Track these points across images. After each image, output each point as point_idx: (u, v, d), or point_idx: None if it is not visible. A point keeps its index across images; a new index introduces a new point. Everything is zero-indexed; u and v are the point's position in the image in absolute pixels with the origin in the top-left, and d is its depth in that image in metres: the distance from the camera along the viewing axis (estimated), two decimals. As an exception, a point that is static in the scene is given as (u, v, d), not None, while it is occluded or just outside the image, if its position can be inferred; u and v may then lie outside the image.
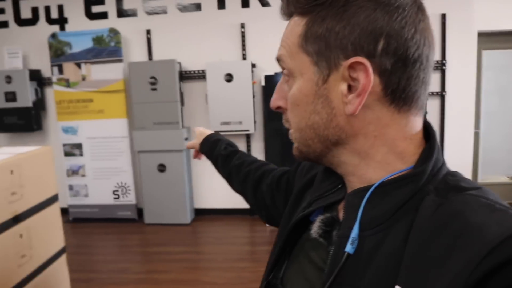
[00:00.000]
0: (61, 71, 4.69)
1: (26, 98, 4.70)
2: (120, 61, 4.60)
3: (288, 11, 0.61)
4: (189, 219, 4.71)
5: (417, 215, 0.52)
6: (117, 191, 4.84)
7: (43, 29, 4.82)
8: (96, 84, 4.66)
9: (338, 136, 0.59)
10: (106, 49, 4.59)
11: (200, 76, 4.64)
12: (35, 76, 4.80)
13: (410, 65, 0.54)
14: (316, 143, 0.60)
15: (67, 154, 4.84)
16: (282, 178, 0.99)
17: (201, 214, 4.87)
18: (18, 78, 4.67)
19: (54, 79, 4.73)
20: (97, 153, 4.80)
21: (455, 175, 0.58)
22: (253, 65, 4.42)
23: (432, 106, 4.38)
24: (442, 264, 0.46)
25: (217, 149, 1.22)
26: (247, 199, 1.15)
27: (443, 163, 0.59)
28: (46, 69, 4.88)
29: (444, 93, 4.35)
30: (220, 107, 4.44)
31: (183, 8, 4.61)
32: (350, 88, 0.55)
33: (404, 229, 0.52)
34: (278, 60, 0.61)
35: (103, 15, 4.72)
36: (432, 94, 4.33)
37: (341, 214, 0.63)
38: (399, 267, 0.50)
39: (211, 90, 4.44)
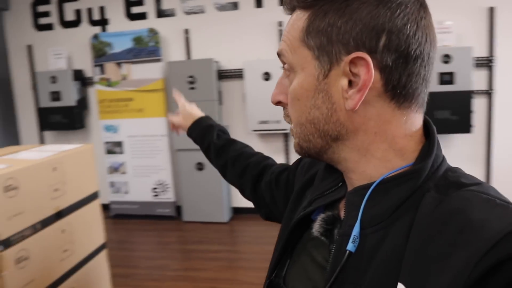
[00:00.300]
0: (102, 71, 4.81)
1: (70, 97, 4.85)
2: (159, 60, 4.67)
3: (291, 5, 0.61)
4: (227, 218, 4.71)
5: (418, 212, 0.52)
6: (156, 188, 4.91)
7: (86, 31, 4.96)
8: (136, 84, 4.75)
9: (338, 131, 0.59)
10: (145, 49, 4.67)
11: (237, 75, 4.63)
12: (78, 76, 4.94)
13: (411, 61, 0.54)
14: (316, 138, 0.60)
15: (108, 152, 4.96)
16: (281, 175, 0.98)
17: (239, 213, 4.86)
18: (63, 78, 4.82)
19: (96, 78, 4.85)
20: (137, 151, 4.89)
21: (455, 171, 0.58)
22: (291, 63, 4.37)
23: (479, 104, 4.18)
24: (444, 260, 0.46)
25: (209, 136, 1.20)
26: (243, 193, 1.14)
27: (443, 159, 0.59)
28: (88, 69, 5.02)
29: (492, 90, 4.15)
30: (258, 106, 4.41)
31: (221, 7, 4.62)
32: (350, 84, 0.56)
33: (405, 227, 0.53)
34: (279, 55, 0.62)
35: (143, 16, 4.81)
36: (478, 92, 4.13)
37: (342, 213, 0.63)
38: (400, 264, 0.50)
39: (249, 88, 4.43)
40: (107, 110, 4.87)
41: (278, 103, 0.66)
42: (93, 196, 2.61)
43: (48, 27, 5.12)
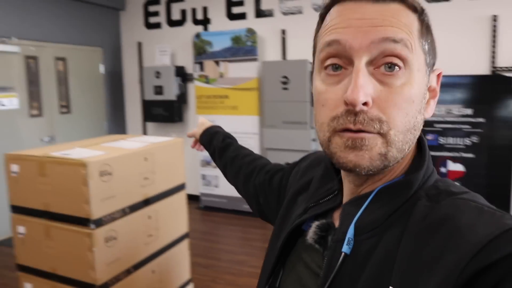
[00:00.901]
0: (202, 68, 5.04)
1: (171, 92, 5.16)
2: (255, 60, 4.77)
3: None
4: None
5: (410, 219, 0.54)
6: (244, 184, 5.03)
7: (189, 29, 5.24)
8: (232, 81, 4.91)
9: (415, 140, 0.59)
10: (243, 48, 4.80)
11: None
12: (180, 72, 5.24)
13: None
14: (407, 148, 0.56)
15: (202, 146, 5.20)
16: (275, 176, 0.97)
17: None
18: (166, 73, 5.15)
19: (195, 75, 5.11)
20: (228, 147, 5.06)
21: (445, 181, 0.59)
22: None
23: None
24: (434, 265, 0.47)
25: (215, 141, 1.23)
26: (239, 192, 1.15)
27: (433, 170, 0.60)
28: (189, 66, 5.30)
29: None
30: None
31: (319, 8, 4.58)
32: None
33: (398, 233, 0.54)
34: (395, 41, 0.52)
35: (242, 16, 4.95)
36: None
37: (336, 222, 0.63)
38: (392, 269, 0.51)
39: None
40: (203, 106, 5.10)
41: (364, 104, 0.53)
42: (180, 187, 2.76)
43: (157, 25, 5.50)
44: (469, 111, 3.75)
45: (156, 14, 5.47)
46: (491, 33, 3.78)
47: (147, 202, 2.46)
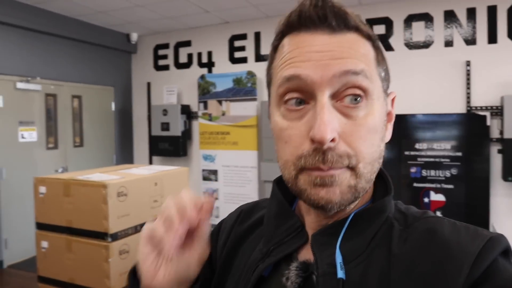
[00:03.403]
0: (205, 106, 5.47)
1: (177, 128, 5.56)
2: (254, 99, 5.19)
3: (351, 26, 0.54)
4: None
5: (392, 243, 0.54)
6: (243, 215, 5.33)
7: (195, 71, 5.70)
8: (233, 119, 5.31)
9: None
10: (243, 89, 5.24)
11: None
12: (185, 110, 5.66)
13: None
14: (374, 177, 0.56)
15: (205, 178, 5.55)
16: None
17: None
18: (172, 111, 5.57)
19: (199, 113, 5.52)
20: (229, 180, 5.40)
21: (402, 204, 0.62)
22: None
23: None
24: (431, 282, 0.49)
25: None
26: None
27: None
28: (194, 105, 5.72)
29: None
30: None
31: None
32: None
33: (384, 256, 0.54)
34: (356, 73, 0.51)
35: (243, 60, 5.41)
36: None
37: (308, 257, 0.58)
38: None
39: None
40: (207, 141, 5.49)
41: (331, 140, 0.50)
42: (184, 210, 3.09)
43: (165, 67, 5.98)
44: (448, 146, 4.11)
45: (164, 57, 5.96)
46: (465, 76, 4.20)
47: (155, 221, 2.79)
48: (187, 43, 5.76)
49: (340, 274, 0.53)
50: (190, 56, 5.77)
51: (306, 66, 0.52)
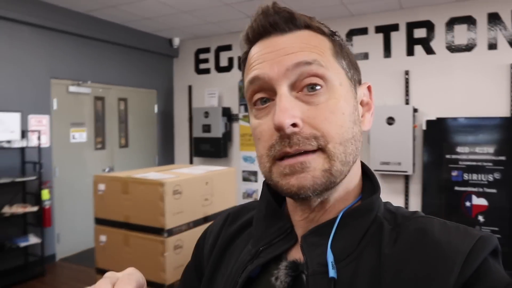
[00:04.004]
0: (246, 109, 5.61)
1: (218, 130, 5.73)
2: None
3: (301, 24, 0.57)
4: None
5: (382, 242, 0.54)
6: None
7: (235, 75, 5.85)
8: (272, 121, 5.43)
9: (358, 153, 0.59)
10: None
11: (363, 118, 5.00)
12: (226, 112, 5.82)
13: None
14: (352, 160, 0.57)
15: (244, 179, 5.69)
16: (188, 271, 0.79)
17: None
18: (214, 113, 5.74)
19: (240, 116, 5.67)
20: (268, 181, 5.52)
21: (391, 204, 0.62)
22: (415, 110, 4.61)
23: None
24: (423, 281, 0.49)
25: None
26: None
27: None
28: (235, 107, 5.88)
29: None
30: (381, 148, 4.70)
31: (353, 57, 5.09)
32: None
33: (374, 255, 0.54)
34: (308, 63, 0.54)
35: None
36: None
37: (297, 257, 0.59)
38: None
39: (373, 131, 4.75)
40: (246, 143, 5.63)
41: (293, 125, 0.53)
42: (231, 209, 3.23)
43: (206, 71, 6.16)
44: (491, 150, 4.09)
45: (206, 61, 6.15)
46: (510, 80, 4.17)
47: (206, 219, 2.94)
48: (228, 47, 5.92)
49: (332, 273, 0.53)
50: (230, 60, 5.92)
51: (263, 66, 0.55)
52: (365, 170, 0.63)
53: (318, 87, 0.54)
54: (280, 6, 0.57)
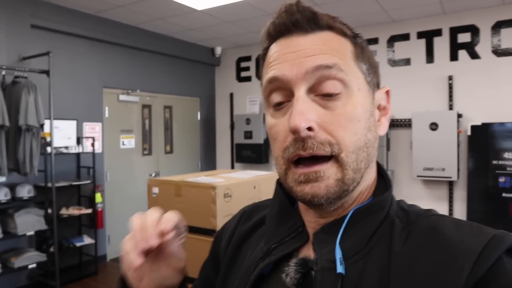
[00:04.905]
0: (287, 116, 5.70)
1: (259, 136, 5.84)
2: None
3: (316, 26, 0.57)
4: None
5: (393, 240, 0.54)
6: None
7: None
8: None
9: (373, 158, 0.59)
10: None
11: (406, 124, 5.00)
12: (267, 119, 5.92)
13: None
14: (364, 166, 0.56)
15: (285, 184, 5.76)
16: (205, 269, 0.81)
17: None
18: (255, 120, 5.86)
19: (281, 122, 5.76)
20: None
21: (404, 202, 0.62)
22: (459, 115, 4.57)
23: None
24: (433, 280, 0.48)
25: None
26: None
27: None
28: (275, 114, 5.97)
29: None
30: (424, 154, 4.67)
31: (393, 63, 5.10)
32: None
33: (384, 253, 0.53)
34: (328, 67, 0.54)
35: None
36: None
37: (308, 254, 0.59)
38: None
39: (416, 137, 4.74)
40: (287, 149, 5.70)
41: (308, 129, 0.53)
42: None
43: (247, 79, 6.31)
44: (540, 156, 4.01)
45: (247, 69, 6.29)
46: (560, 85, 4.09)
47: (254, 222, 3.03)
48: (269, 55, 6.04)
49: (340, 269, 0.53)
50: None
51: (282, 67, 0.55)
52: (379, 170, 0.63)
53: (336, 92, 0.54)
54: (304, 5, 0.57)
